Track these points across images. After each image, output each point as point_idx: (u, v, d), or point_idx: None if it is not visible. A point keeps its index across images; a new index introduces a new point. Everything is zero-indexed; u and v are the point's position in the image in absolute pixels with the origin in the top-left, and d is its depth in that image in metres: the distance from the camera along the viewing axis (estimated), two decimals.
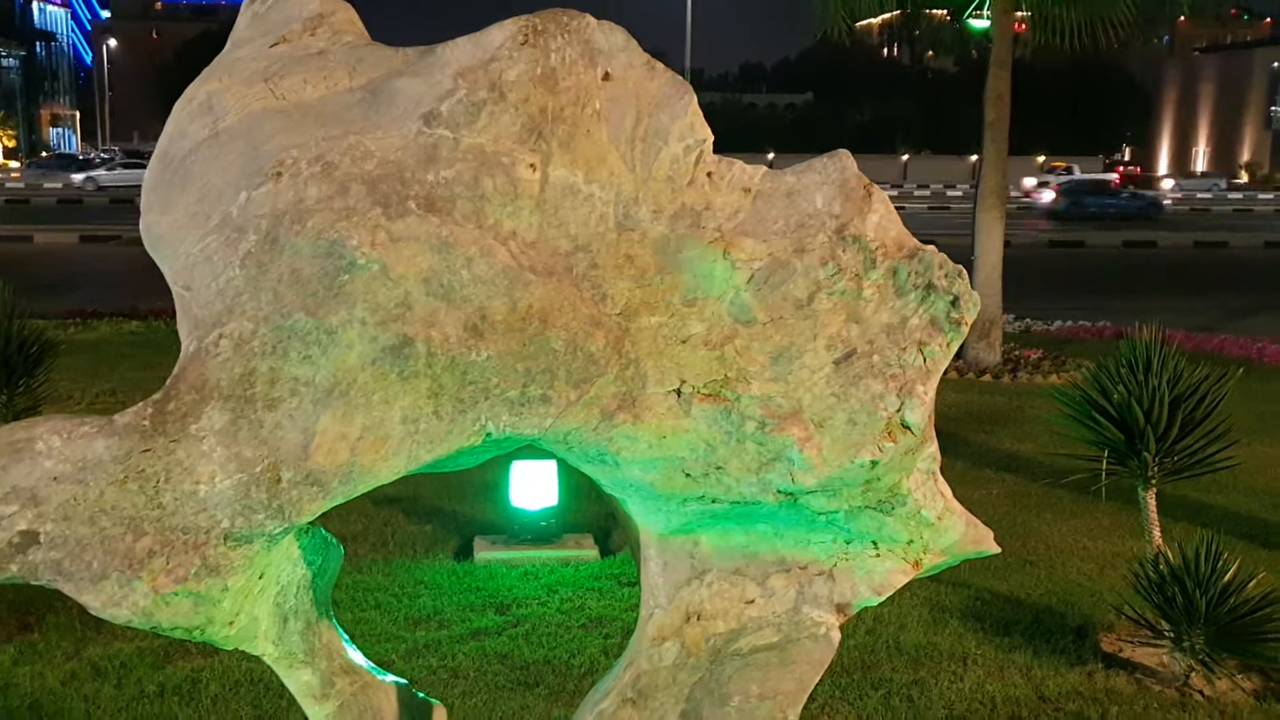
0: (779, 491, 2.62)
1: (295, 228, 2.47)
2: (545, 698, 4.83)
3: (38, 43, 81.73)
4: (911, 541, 2.75)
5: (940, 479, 2.76)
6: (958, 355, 13.53)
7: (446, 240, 2.47)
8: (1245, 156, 79.58)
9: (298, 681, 2.92)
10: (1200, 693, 4.93)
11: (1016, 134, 13.08)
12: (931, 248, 2.62)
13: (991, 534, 2.87)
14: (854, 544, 2.74)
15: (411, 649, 5.22)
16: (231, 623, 2.66)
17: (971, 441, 9.44)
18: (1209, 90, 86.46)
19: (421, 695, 3.39)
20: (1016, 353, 13.63)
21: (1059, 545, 6.94)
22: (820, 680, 4.99)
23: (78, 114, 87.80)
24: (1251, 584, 4.96)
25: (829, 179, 2.63)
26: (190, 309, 2.60)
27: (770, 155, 53.44)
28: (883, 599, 2.74)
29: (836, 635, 2.74)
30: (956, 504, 2.79)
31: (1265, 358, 13.57)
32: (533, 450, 7.03)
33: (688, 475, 2.65)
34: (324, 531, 3.05)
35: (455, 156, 2.52)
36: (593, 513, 7.21)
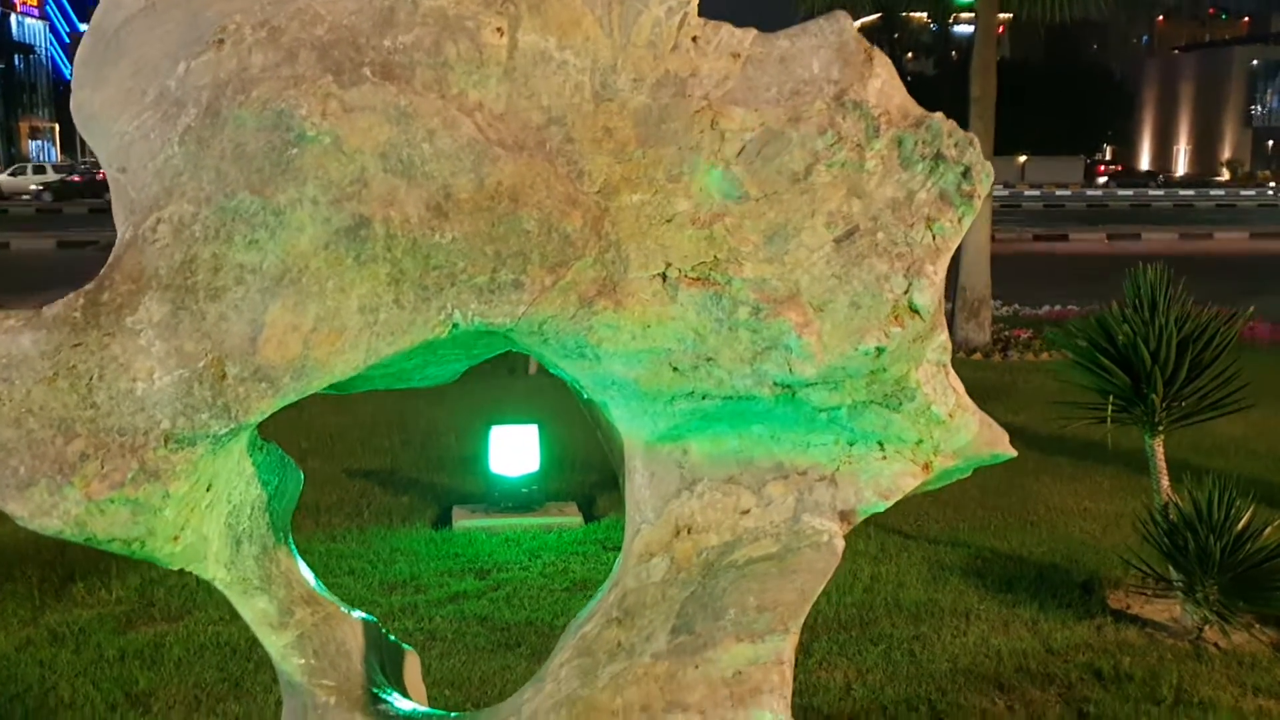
0: (776, 384, 2.38)
1: (239, 98, 2.23)
2: (527, 657, 4.58)
3: (15, 55, 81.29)
4: (921, 441, 2.51)
5: (952, 373, 2.52)
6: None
7: (406, 110, 2.23)
8: (1226, 154, 79.89)
9: (253, 609, 2.68)
10: (1215, 645, 4.71)
11: (998, 134, 12.83)
12: (939, 115, 2.40)
13: (1007, 436, 2.64)
14: (858, 445, 2.51)
15: (386, 613, 4.97)
16: (176, 538, 2.41)
17: None
18: (1189, 89, 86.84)
19: (394, 639, 3.13)
20: (1006, 333, 13.45)
21: (1060, 506, 6.72)
22: (818, 634, 4.78)
23: (57, 126, 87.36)
24: (1268, 530, 4.74)
25: (826, 42, 2.40)
26: (126, 193, 2.35)
27: None
28: (890, 503, 2.51)
29: (840, 543, 2.50)
30: (969, 401, 2.56)
31: (1257, 336, 13.51)
32: (513, 415, 6.77)
33: (675, 369, 2.41)
34: (281, 451, 2.81)
35: (414, 20, 2.28)
36: (576, 481, 6.97)
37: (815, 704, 4.12)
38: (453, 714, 2.79)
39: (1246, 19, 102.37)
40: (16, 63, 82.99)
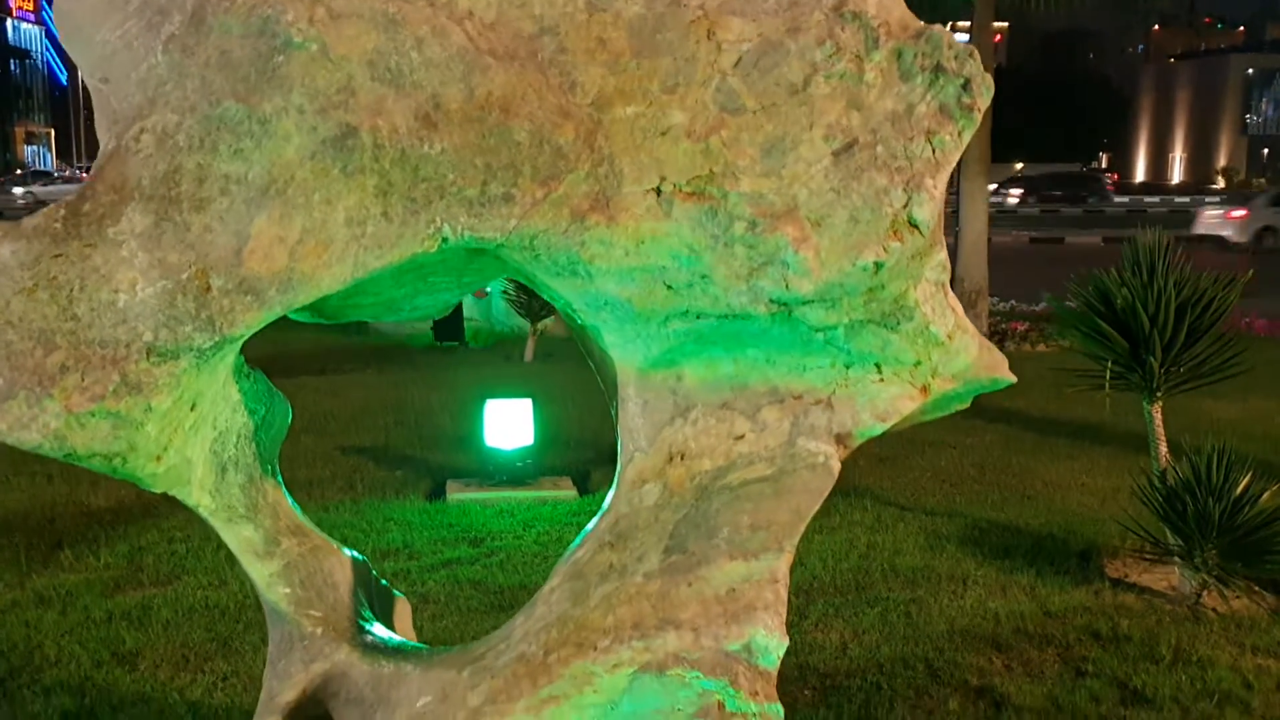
0: (772, 301, 2.33)
1: (224, 5, 2.19)
2: None
3: (11, 60, 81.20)
4: (919, 363, 2.46)
5: (950, 294, 2.48)
6: None
7: (394, 18, 2.19)
8: (1222, 161, 79.95)
9: (238, 537, 2.63)
10: (1214, 610, 4.66)
11: (994, 142, 12.76)
12: (939, 26, 2.35)
13: (1006, 362, 2.60)
14: (855, 368, 2.46)
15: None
16: (159, 457, 2.36)
17: None
18: (1185, 97, 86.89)
19: (385, 583, 3.09)
20: (1003, 325, 13.42)
21: (1057, 482, 6.68)
22: (813, 598, 4.73)
23: (52, 131, 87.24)
24: (1266, 495, 4.70)
25: None
26: (109, 104, 2.31)
27: None
28: (888, 426, 2.46)
29: (836, 464, 2.45)
30: (968, 323, 2.51)
31: (1254, 329, 13.54)
32: (507, 389, 6.69)
33: (669, 287, 2.37)
34: (268, 381, 2.76)
35: None
36: (570, 457, 6.92)
37: (811, 663, 4.07)
38: (441, 648, 2.74)
39: (1242, 28, 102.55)
40: (12, 67, 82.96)
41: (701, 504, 2.45)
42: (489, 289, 12.96)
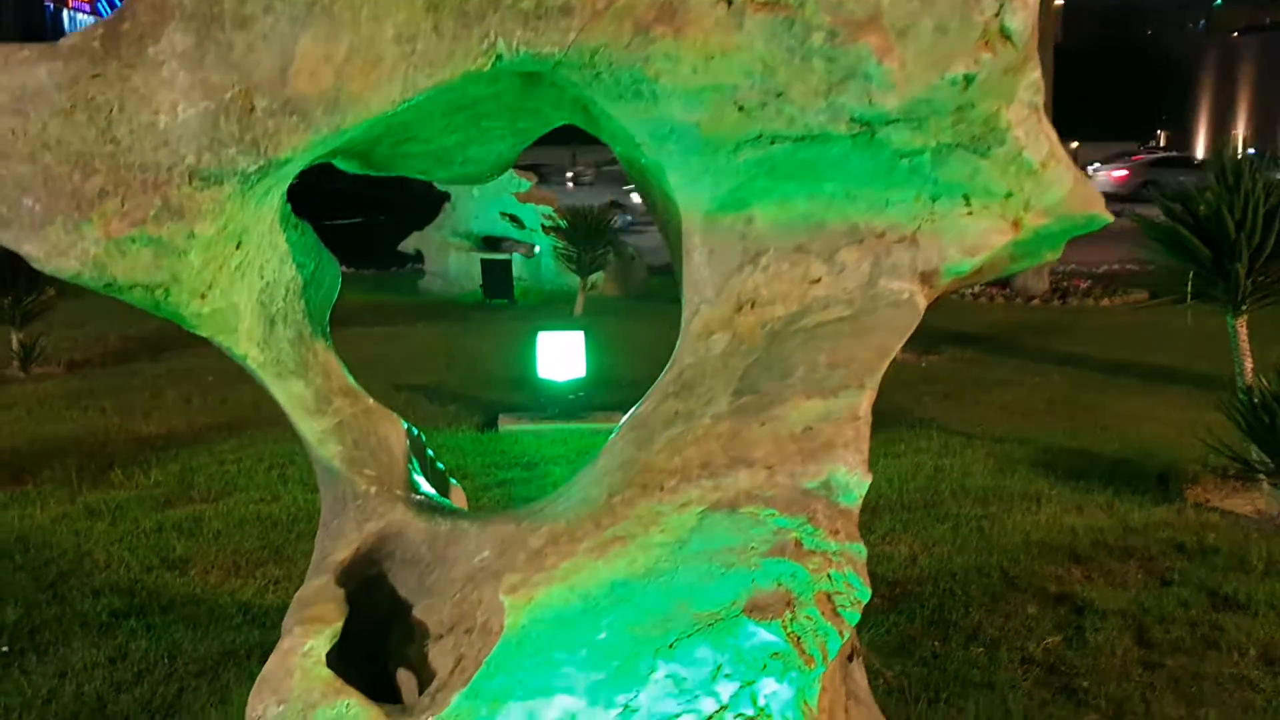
0: (853, 120, 2.15)
1: None
2: None
3: None
4: (1010, 194, 2.27)
5: (1044, 119, 2.29)
6: (1004, 283, 12.99)
7: None
8: None
9: (288, 392, 2.50)
10: None
11: (1051, 119, 12.37)
12: None
13: (1102, 198, 2.40)
14: (941, 200, 2.27)
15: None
16: (203, 295, 2.24)
17: (1025, 345, 8.93)
18: (1248, 72, 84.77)
19: (441, 466, 2.98)
20: (1065, 283, 13.09)
21: (1129, 415, 6.43)
22: (880, 514, 4.56)
23: None
24: None
25: None
26: None
27: None
28: (977, 261, 2.28)
29: (922, 302, 2.27)
30: (1063, 152, 2.32)
31: None
32: (558, 321, 6.51)
33: (741, 109, 2.19)
34: (316, 235, 2.64)
35: None
36: (624, 395, 6.75)
37: (880, 573, 3.89)
38: (509, 510, 2.60)
39: None
40: None
41: (774, 347, 2.28)
42: (538, 248, 12.86)
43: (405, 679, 2.35)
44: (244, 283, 2.39)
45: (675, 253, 2.49)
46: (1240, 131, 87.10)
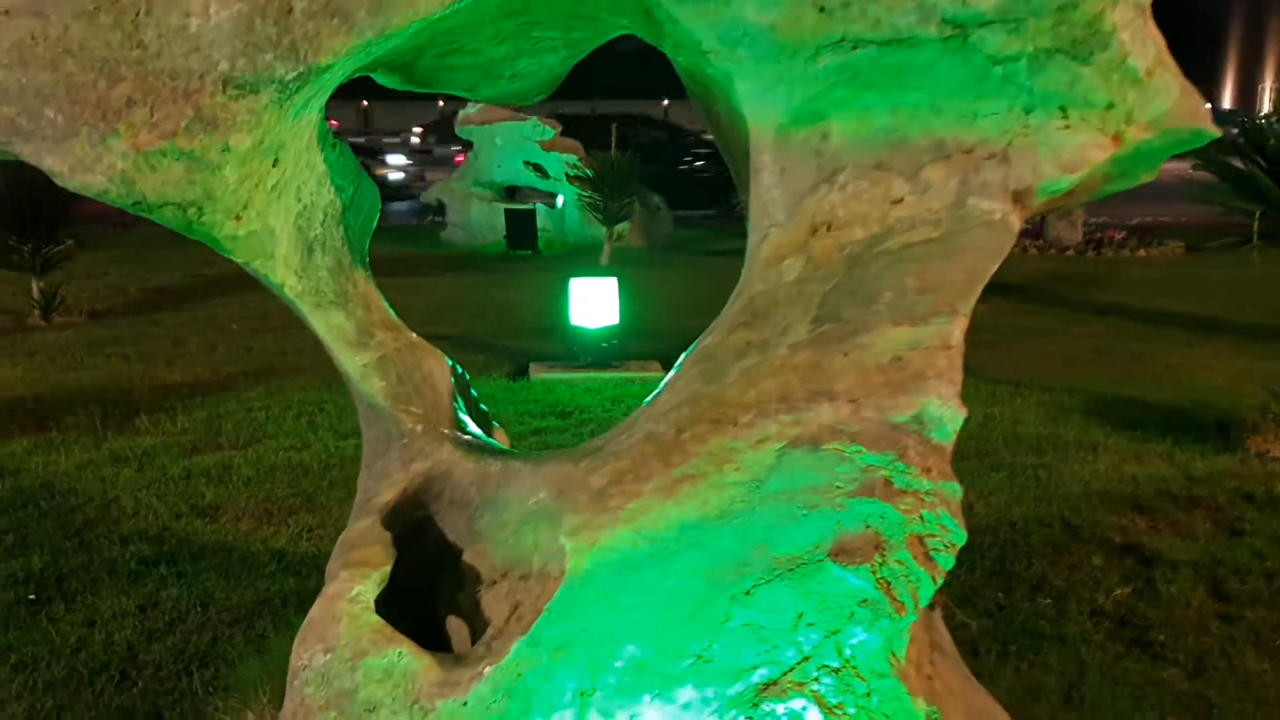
0: (945, 21, 1.96)
1: None
2: None
3: None
4: (1112, 105, 2.08)
5: (1151, 22, 2.10)
6: (1036, 234, 12.75)
7: None
8: None
9: (327, 323, 2.35)
10: None
11: None
12: None
13: (1209, 111, 2.21)
14: (1037, 111, 2.08)
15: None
16: (238, 217, 2.09)
17: (1065, 295, 8.73)
18: (1276, 25, 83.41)
19: (484, 408, 2.83)
20: (1099, 234, 12.82)
21: (1180, 364, 6.23)
22: None
23: None
24: None
25: None
26: None
27: None
28: (1074, 179, 2.09)
29: (1016, 222, 2.10)
30: (1170, 59, 2.13)
31: None
32: (591, 268, 6.29)
33: (821, 9, 2.01)
34: (356, 158, 2.47)
35: None
36: (657, 345, 6.60)
37: None
38: (563, 449, 2.45)
39: None
40: None
41: (855, 271, 2.11)
42: (561, 198, 12.66)
43: (456, 627, 2.21)
44: (280, 204, 2.24)
45: (741, 173, 2.31)
46: (1268, 84, 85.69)
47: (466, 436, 2.40)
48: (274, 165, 2.14)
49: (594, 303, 6.12)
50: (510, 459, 2.33)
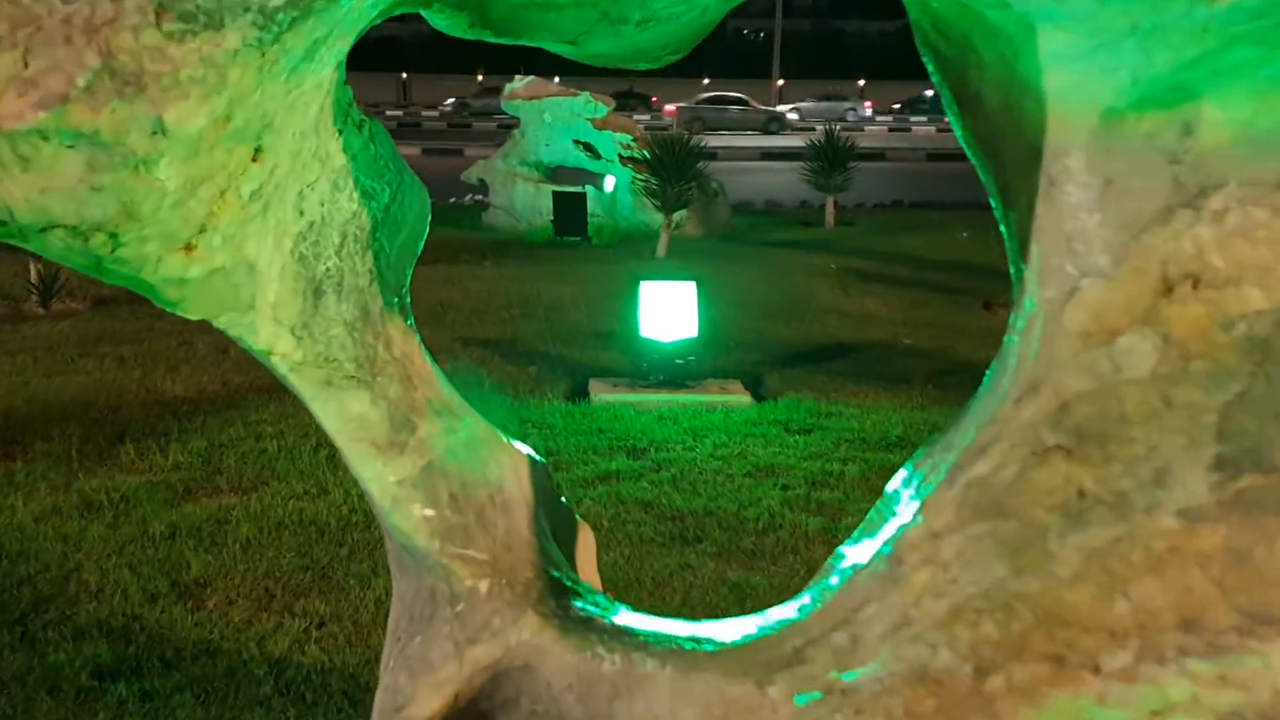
0: None
1: None
2: (714, 556, 3.34)
3: None
4: None
5: None
6: None
7: None
8: None
9: (343, 412, 1.45)
10: None
11: None
12: None
13: None
14: None
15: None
16: (189, 246, 1.24)
17: None
18: None
19: (565, 500, 1.89)
20: None
21: None
22: None
23: None
24: None
25: None
26: None
27: (861, 82, 51.63)
28: None
29: None
30: None
31: None
32: (639, 262, 5.17)
33: None
34: (393, 144, 1.57)
35: None
36: (735, 359, 5.67)
37: None
38: (696, 633, 1.52)
39: None
40: None
41: (1274, 369, 1.19)
42: (612, 180, 11.74)
43: None
44: (267, 222, 1.36)
45: (1013, 181, 1.39)
46: None
47: (566, 600, 1.50)
48: (254, 158, 1.25)
49: (669, 311, 5.19)
50: (633, 648, 1.42)
